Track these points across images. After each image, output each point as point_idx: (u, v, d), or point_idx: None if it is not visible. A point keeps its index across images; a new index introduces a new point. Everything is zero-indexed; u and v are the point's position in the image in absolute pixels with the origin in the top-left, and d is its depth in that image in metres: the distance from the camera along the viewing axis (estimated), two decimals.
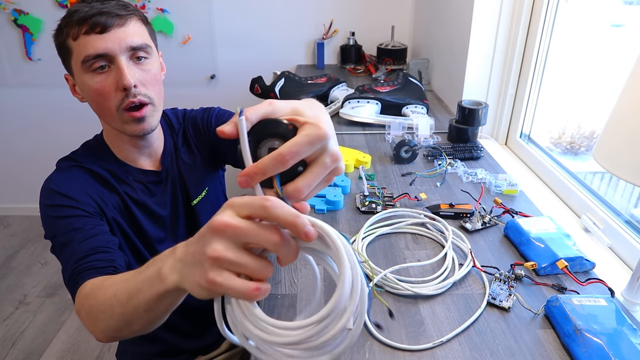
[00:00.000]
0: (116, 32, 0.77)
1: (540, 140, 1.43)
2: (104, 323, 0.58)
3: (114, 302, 0.55)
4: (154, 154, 0.94)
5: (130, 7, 0.82)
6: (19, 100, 2.49)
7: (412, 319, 0.73)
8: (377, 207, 1.01)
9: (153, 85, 0.83)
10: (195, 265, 0.41)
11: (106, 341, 0.61)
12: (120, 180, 0.89)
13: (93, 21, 0.76)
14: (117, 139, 0.89)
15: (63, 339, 1.91)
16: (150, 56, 0.83)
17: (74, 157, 0.89)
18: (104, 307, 0.57)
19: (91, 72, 0.78)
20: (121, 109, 0.80)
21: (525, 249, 0.87)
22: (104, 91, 0.79)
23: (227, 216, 0.39)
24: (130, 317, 0.54)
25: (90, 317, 0.61)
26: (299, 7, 2.27)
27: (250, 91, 1.71)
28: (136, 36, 0.80)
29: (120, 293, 0.55)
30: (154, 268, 0.48)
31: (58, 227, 0.77)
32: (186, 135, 1.00)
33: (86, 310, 0.62)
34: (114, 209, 0.86)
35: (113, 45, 0.77)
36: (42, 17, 2.27)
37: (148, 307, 0.50)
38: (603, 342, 0.63)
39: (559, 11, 1.33)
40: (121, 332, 0.58)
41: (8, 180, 2.72)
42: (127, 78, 0.77)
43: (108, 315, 0.56)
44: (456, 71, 1.61)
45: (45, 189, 0.83)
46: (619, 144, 0.66)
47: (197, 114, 1.02)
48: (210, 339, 1.08)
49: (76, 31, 0.77)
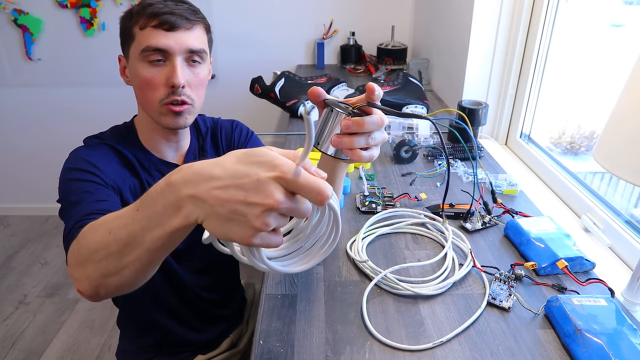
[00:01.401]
0: (181, 33, 0.83)
1: (540, 140, 1.43)
2: (94, 266, 0.53)
3: (110, 240, 0.50)
4: (179, 149, 0.98)
5: (199, 14, 0.87)
6: (19, 100, 2.49)
7: (412, 319, 0.73)
8: (377, 207, 1.01)
9: (198, 89, 0.88)
10: (235, 223, 0.41)
11: (90, 291, 0.55)
12: (143, 167, 0.92)
13: (164, 18, 0.81)
14: (149, 127, 0.92)
15: (63, 339, 1.91)
16: (204, 62, 0.89)
17: (102, 137, 0.92)
18: (98, 246, 0.52)
19: (147, 62, 0.83)
20: (163, 103, 0.85)
21: (525, 249, 0.87)
22: (153, 82, 0.84)
23: (282, 195, 0.41)
24: (128, 258, 0.50)
25: (79, 259, 0.55)
26: (299, 7, 2.27)
27: (250, 91, 1.71)
28: (197, 41, 0.85)
29: (117, 231, 0.50)
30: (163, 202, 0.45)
31: (73, 188, 0.78)
32: (216, 140, 1.05)
33: (76, 253, 0.56)
34: (130, 192, 0.88)
35: (174, 45, 0.82)
36: (42, 17, 2.27)
37: (154, 245, 0.47)
38: (603, 342, 0.63)
39: (559, 11, 1.33)
40: (109, 279, 0.52)
41: (8, 180, 2.72)
42: (179, 77, 0.82)
43: (102, 256, 0.51)
44: (456, 71, 1.61)
45: (73, 156, 0.85)
46: (619, 144, 0.66)
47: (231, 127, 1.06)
48: (209, 334, 1.08)
49: (145, 22, 0.82)
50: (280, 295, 0.79)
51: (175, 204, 0.43)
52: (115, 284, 0.53)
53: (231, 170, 0.42)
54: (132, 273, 0.51)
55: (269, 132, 2.51)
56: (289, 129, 1.54)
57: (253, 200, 0.41)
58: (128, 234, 0.48)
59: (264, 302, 0.78)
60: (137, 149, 0.93)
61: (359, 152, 0.60)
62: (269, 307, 0.77)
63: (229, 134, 1.05)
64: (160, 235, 0.46)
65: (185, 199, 0.43)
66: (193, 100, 0.87)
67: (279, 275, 0.84)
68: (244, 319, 1.20)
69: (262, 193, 0.40)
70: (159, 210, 0.45)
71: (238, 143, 1.05)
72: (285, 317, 0.74)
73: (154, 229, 0.46)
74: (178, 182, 0.43)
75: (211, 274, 1.04)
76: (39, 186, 2.71)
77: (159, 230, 0.45)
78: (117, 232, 0.50)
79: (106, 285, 0.53)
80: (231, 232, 0.42)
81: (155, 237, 0.46)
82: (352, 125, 0.58)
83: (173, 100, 0.84)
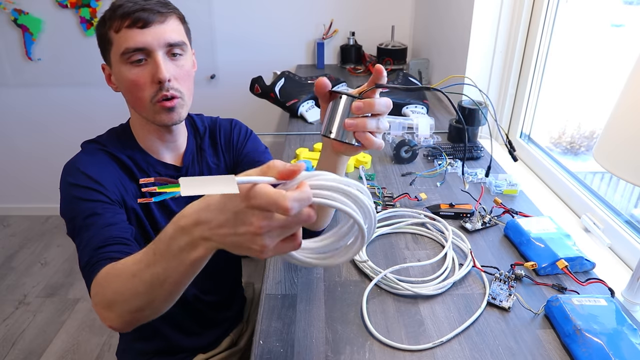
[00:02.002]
0: (156, 28, 0.82)
1: (540, 140, 1.43)
2: (122, 306, 0.59)
3: (136, 282, 0.55)
4: (177, 149, 0.97)
5: (170, 5, 0.86)
6: (19, 100, 2.49)
7: (412, 319, 0.73)
8: (377, 207, 1.01)
9: (185, 81, 0.87)
10: (242, 248, 0.46)
11: (121, 326, 0.61)
12: (142, 170, 0.91)
13: (135, 16, 0.80)
14: (144, 129, 0.92)
15: (63, 338, 1.91)
16: (185, 53, 0.87)
17: (100, 141, 0.91)
18: (124, 288, 0.57)
19: (129, 64, 0.82)
20: (154, 101, 0.84)
21: (525, 249, 0.87)
22: (140, 82, 0.83)
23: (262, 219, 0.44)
24: (155, 293, 0.55)
25: (105, 302, 0.61)
26: (299, 7, 2.27)
27: (250, 91, 1.71)
28: (174, 33, 0.84)
29: (141, 274, 0.55)
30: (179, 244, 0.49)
31: (80, 209, 0.78)
32: (214, 139, 1.03)
33: (100, 296, 0.62)
34: (133, 198, 0.88)
35: (152, 40, 0.81)
36: (42, 17, 2.27)
37: (179, 277, 0.52)
38: (603, 342, 0.63)
39: (559, 11, 1.33)
40: (140, 313, 0.59)
41: (8, 180, 2.72)
42: (163, 72, 0.82)
43: (129, 296, 0.57)
44: (456, 71, 1.61)
45: (71, 167, 0.84)
46: (619, 144, 0.66)
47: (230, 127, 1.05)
48: (210, 337, 1.08)
49: (119, 24, 0.81)
50: (280, 295, 0.79)
51: (190, 243, 0.49)
52: (147, 314, 0.59)
53: (215, 209, 0.46)
54: (162, 302, 0.57)
55: (269, 132, 2.51)
56: (289, 129, 1.54)
57: (241, 231, 0.45)
58: (152, 274, 0.53)
59: (264, 302, 0.78)
60: (135, 151, 0.92)
61: (371, 136, 0.62)
62: (269, 307, 0.77)
63: (227, 133, 1.04)
64: (183, 269, 0.51)
65: (198, 239, 0.48)
66: (182, 93, 0.86)
67: (279, 275, 0.84)
68: (244, 317, 1.20)
69: (243, 223, 0.45)
70: (175, 251, 0.50)
71: (237, 142, 1.04)
72: (285, 317, 0.74)
73: (176, 266, 0.51)
74: (189, 225, 0.48)
75: (213, 276, 1.04)
76: (39, 186, 2.71)
77: (181, 266, 0.50)
78: (141, 275, 0.55)
79: (138, 318, 0.60)
80: (244, 253, 0.47)
81: (179, 271, 0.51)
82: (364, 106, 0.60)
83: (162, 96, 0.84)
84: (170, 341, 1.02)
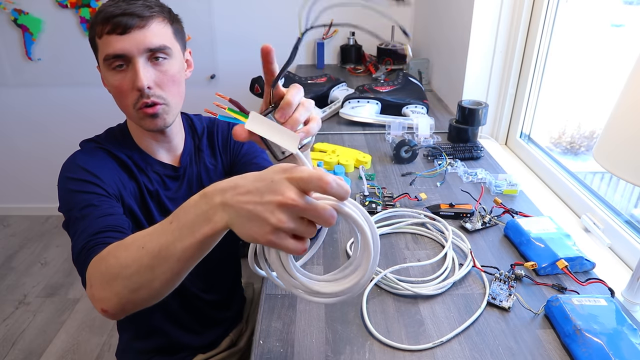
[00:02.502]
0: (136, 34, 0.79)
1: (540, 140, 1.43)
2: (123, 282, 0.56)
3: (142, 254, 0.54)
4: (173, 150, 0.97)
5: (155, 7, 0.83)
6: (19, 100, 2.49)
7: (412, 319, 0.73)
8: (377, 207, 1.01)
9: (169, 87, 0.85)
10: (255, 222, 0.45)
11: (115, 308, 0.59)
12: (140, 168, 0.91)
13: (114, 22, 0.78)
14: (139, 129, 0.92)
15: (63, 338, 1.91)
16: (170, 57, 0.85)
17: (98, 140, 0.91)
18: (129, 261, 0.56)
19: (112, 70, 0.82)
20: (136, 107, 0.83)
21: (525, 249, 0.87)
22: (122, 89, 0.82)
23: (294, 193, 0.44)
24: (159, 270, 0.54)
25: (106, 277, 0.59)
26: (299, 7, 2.27)
27: (250, 91, 1.71)
28: (155, 37, 0.81)
29: (150, 245, 0.54)
30: (196, 212, 0.49)
31: (76, 200, 0.78)
32: (212, 140, 1.03)
33: (101, 272, 0.60)
34: (130, 196, 0.88)
35: (131, 47, 0.79)
36: (42, 17, 2.27)
37: (185, 254, 0.51)
38: (603, 342, 0.63)
39: (559, 11, 1.33)
40: (138, 292, 0.57)
41: (8, 180, 2.72)
42: (141, 80, 0.80)
43: (133, 270, 0.55)
44: (456, 71, 1.61)
45: (70, 163, 0.84)
46: (619, 144, 0.66)
47: (228, 127, 1.05)
48: (210, 337, 1.08)
49: (101, 30, 0.80)
50: (280, 295, 0.79)
51: (207, 212, 0.48)
52: (144, 297, 0.57)
53: (251, 177, 0.47)
54: (162, 284, 0.55)
55: None
56: None
57: (267, 199, 0.45)
58: (160, 246, 0.52)
59: (264, 302, 0.78)
60: (134, 151, 0.92)
61: (307, 127, 0.61)
62: (269, 307, 0.77)
63: (225, 134, 1.04)
64: (191, 243, 0.50)
65: (216, 206, 0.48)
66: (165, 99, 0.84)
67: None
68: (244, 317, 1.20)
69: (274, 192, 0.45)
70: (191, 219, 0.49)
71: (235, 143, 1.03)
72: (285, 317, 0.74)
73: (185, 238, 0.50)
74: (211, 192, 0.48)
75: (213, 274, 1.04)
76: (39, 186, 2.71)
77: (190, 239, 0.50)
78: (149, 245, 0.54)
79: (134, 300, 0.57)
80: (252, 231, 0.46)
81: (186, 246, 0.50)
82: (285, 108, 0.57)
83: (143, 104, 0.82)
84: (170, 338, 1.02)
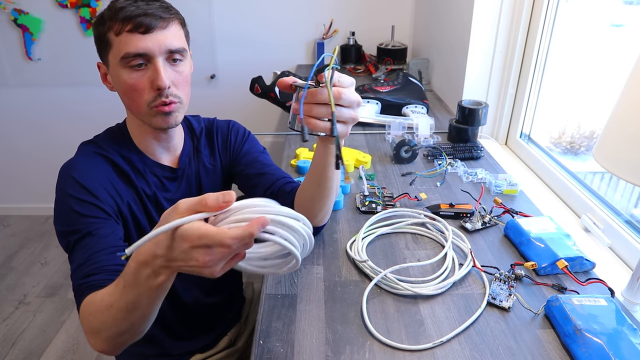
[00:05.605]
0: (158, 34, 0.80)
1: (540, 140, 1.43)
2: (107, 332, 0.65)
3: (113, 311, 0.62)
4: (173, 150, 0.96)
5: (172, 10, 0.85)
6: (19, 100, 2.49)
7: (412, 319, 0.73)
8: (377, 207, 1.01)
9: (184, 86, 0.86)
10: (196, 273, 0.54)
11: (109, 350, 0.67)
12: (138, 172, 0.91)
13: (138, 21, 0.78)
14: (140, 129, 0.91)
15: (63, 338, 1.91)
16: (185, 59, 0.86)
17: (97, 142, 0.91)
18: (104, 317, 0.63)
19: (128, 68, 0.81)
20: (152, 105, 0.84)
21: (525, 249, 0.87)
22: (138, 87, 0.82)
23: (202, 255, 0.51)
24: (134, 315, 0.61)
25: (91, 330, 0.67)
26: (299, 7, 2.27)
27: (250, 91, 1.71)
28: (175, 39, 0.83)
29: (116, 304, 0.61)
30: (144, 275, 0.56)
31: (77, 224, 0.78)
32: (211, 141, 1.03)
33: (87, 325, 0.67)
34: (128, 204, 0.88)
35: (153, 47, 0.80)
36: (42, 17, 2.27)
37: (151, 298, 0.59)
38: (603, 342, 0.63)
39: (559, 11, 1.33)
40: (124, 336, 0.65)
41: (8, 180, 2.72)
42: (163, 80, 0.80)
43: (110, 323, 0.63)
44: (456, 71, 1.61)
45: (68, 175, 0.83)
46: (619, 144, 0.66)
47: (227, 128, 1.05)
48: (204, 341, 1.08)
49: (119, 27, 0.79)
50: (280, 295, 0.79)
51: (153, 272, 0.55)
52: (131, 335, 0.66)
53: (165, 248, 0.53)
54: (142, 322, 0.64)
55: (269, 132, 2.51)
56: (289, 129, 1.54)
57: (191, 264, 0.52)
58: (126, 302, 0.60)
59: (264, 302, 0.78)
60: (132, 152, 0.91)
61: (314, 120, 0.66)
62: (269, 307, 0.77)
63: (225, 134, 1.04)
64: (152, 293, 0.58)
65: (159, 268, 0.55)
66: (180, 98, 0.86)
67: (279, 275, 0.84)
68: (242, 317, 1.20)
69: (191, 259, 0.52)
70: (142, 280, 0.56)
71: (235, 144, 1.03)
72: (285, 317, 0.74)
73: (145, 291, 0.58)
74: (148, 259, 0.55)
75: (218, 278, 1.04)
76: (39, 186, 2.71)
77: (149, 291, 0.57)
78: (116, 304, 0.61)
79: (123, 341, 0.66)
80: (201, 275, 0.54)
81: (149, 295, 0.58)
82: (308, 95, 0.64)
83: (161, 102, 0.83)
84: (165, 347, 1.03)
